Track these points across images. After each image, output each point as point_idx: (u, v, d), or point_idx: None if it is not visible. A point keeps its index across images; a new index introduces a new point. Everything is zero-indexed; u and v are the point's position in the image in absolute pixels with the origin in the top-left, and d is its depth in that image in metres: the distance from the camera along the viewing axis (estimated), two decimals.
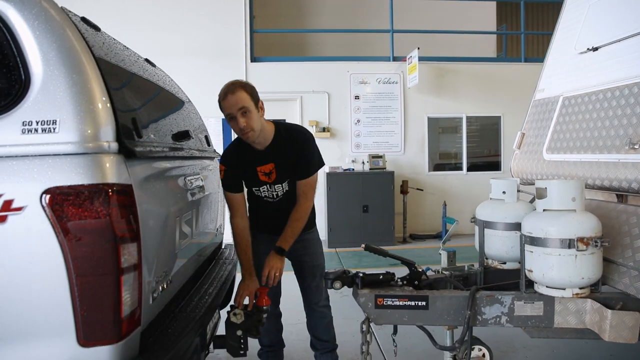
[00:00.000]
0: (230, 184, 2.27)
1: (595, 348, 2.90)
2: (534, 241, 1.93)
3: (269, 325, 2.46)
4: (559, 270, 1.88)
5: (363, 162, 6.84)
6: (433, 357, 2.68)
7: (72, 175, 1.18)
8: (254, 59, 6.97)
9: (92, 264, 1.16)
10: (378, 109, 7.06)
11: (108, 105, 1.28)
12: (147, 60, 2.25)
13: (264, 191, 2.29)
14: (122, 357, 1.22)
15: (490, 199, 2.44)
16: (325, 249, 6.48)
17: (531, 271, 1.97)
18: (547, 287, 1.96)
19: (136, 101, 1.61)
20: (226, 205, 2.35)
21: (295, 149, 2.24)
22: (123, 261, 1.20)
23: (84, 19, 1.57)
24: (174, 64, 6.57)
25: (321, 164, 2.34)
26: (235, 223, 2.26)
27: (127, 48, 1.96)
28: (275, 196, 2.31)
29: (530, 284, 2.07)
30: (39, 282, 1.16)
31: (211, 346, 2.09)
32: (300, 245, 2.38)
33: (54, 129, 1.20)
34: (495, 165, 7.36)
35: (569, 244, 1.84)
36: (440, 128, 7.50)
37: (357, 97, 7.03)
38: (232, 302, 2.21)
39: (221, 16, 6.88)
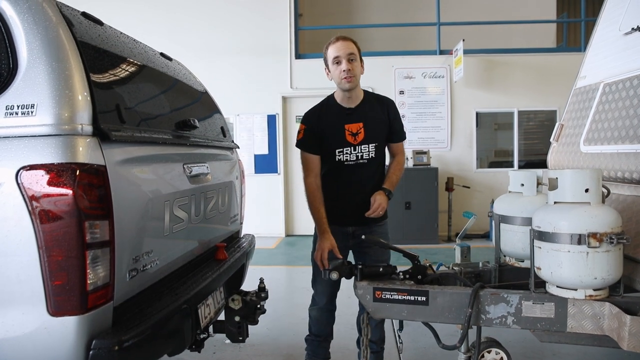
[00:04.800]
0: (308, 144, 2.32)
1: None
2: (542, 236, 1.78)
3: (321, 317, 2.48)
4: (568, 269, 1.71)
5: (407, 158, 6.68)
6: (449, 358, 2.56)
7: (45, 154, 1.26)
8: (298, 56, 7.05)
9: (58, 238, 1.23)
10: (423, 104, 6.86)
11: (85, 91, 1.35)
12: (162, 54, 2.34)
13: (346, 153, 2.29)
14: (89, 328, 1.28)
15: (509, 191, 2.29)
16: None
17: (540, 269, 1.82)
18: (558, 287, 1.80)
19: (126, 89, 1.68)
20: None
21: (386, 110, 2.36)
22: (89, 237, 1.26)
23: (84, 14, 1.67)
24: (221, 62, 6.87)
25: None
26: (309, 182, 2.31)
27: (136, 41, 2.05)
28: (358, 158, 2.29)
29: (542, 283, 1.91)
30: (14, 253, 1.25)
31: (212, 330, 2.14)
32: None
33: (32, 112, 1.29)
34: None
35: (579, 239, 1.67)
36: (496, 124, 7.15)
37: (401, 92, 6.88)
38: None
39: (266, 14, 7.02)
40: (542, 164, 6.77)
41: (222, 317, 2.26)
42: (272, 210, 7.09)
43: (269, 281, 2.37)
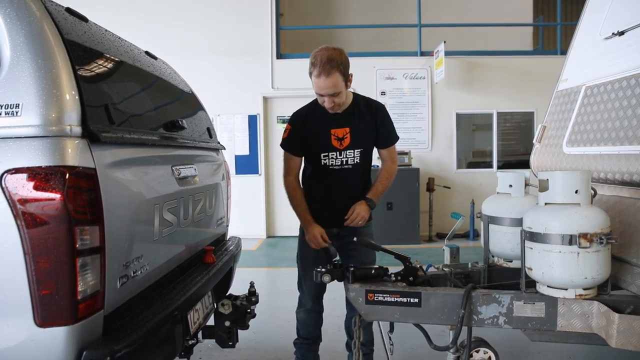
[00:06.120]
0: (292, 145, 2.31)
1: (618, 356, 2.69)
2: (534, 237, 1.80)
3: (309, 319, 2.46)
4: (559, 269, 1.74)
5: None
6: (438, 358, 2.57)
7: (32, 157, 1.20)
8: (279, 56, 7.00)
9: (47, 245, 1.17)
10: (405, 105, 6.92)
11: (73, 90, 1.29)
12: (147, 52, 2.27)
13: (332, 158, 2.27)
14: (79, 338, 1.22)
15: (497, 193, 2.32)
16: None
17: (531, 269, 1.84)
18: (548, 286, 1.83)
19: (114, 88, 1.62)
20: (225, 199, 2.34)
21: (374, 116, 2.30)
22: (79, 243, 1.20)
23: (68, 10, 1.60)
24: (201, 61, 6.76)
25: (398, 136, 2.42)
26: (289, 180, 2.33)
27: (121, 39, 1.99)
28: (343, 163, 2.28)
29: (532, 283, 1.93)
30: None
31: (200, 335, 2.09)
32: (352, 239, 2.30)
33: (17, 112, 1.22)
34: (528, 164, 7.04)
35: (570, 240, 1.70)
36: (474, 125, 7.26)
37: (383, 93, 6.92)
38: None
39: (247, 14, 6.95)
40: (520, 165, 6.96)
41: (210, 322, 2.21)
42: (253, 211, 7.02)
43: (254, 283, 2.32)
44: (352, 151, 2.28)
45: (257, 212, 7.06)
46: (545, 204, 1.84)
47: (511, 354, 2.76)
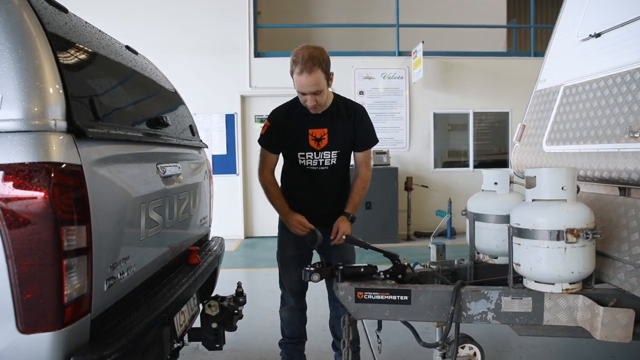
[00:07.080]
0: (269, 141, 2.28)
1: (596, 349, 2.77)
2: (522, 233, 1.83)
3: (292, 317, 2.44)
4: (547, 264, 1.77)
5: None
6: (423, 355, 2.58)
7: (14, 153, 1.13)
8: (257, 54, 6.93)
9: (32, 246, 1.11)
10: (383, 104, 6.96)
11: (57, 83, 1.23)
12: (127, 47, 2.19)
13: (308, 158, 2.25)
14: (66, 344, 1.16)
15: (482, 190, 2.34)
16: None
17: (519, 265, 1.87)
18: (535, 282, 1.86)
19: (98, 83, 1.56)
20: (205, 198, 2.32)
21: (353, 119, 2.28)
22: (66, 244, 1.14)
23: None
24: (178, 60, 6.62)
25: (377, 139, 2.38)
26: (265, 175, 2.31)
27: (102, 32, 1.91)
28: (319, 164, 2.25)
29: (519, 279, 1.96)
30: None
31: (186, 338, 2.03)
32: (331, 238, 2.30)
33: None
34: (503, 163, 7.21)
35: (558, 235, 1.73)
36: (449, 125, 7.37)
37: (361, 93, 6.94)
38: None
39: (225, 12, 6.86)
40: (495, 164, 7.09)
41: (196, 324, 2.16)
42: (231, 211, 6.92)
43: (233, 285, 2.28)
44: (329, 152, 2.25)
45: (235, 212, 6.97)
46: (533, 200, 1.86)
47: (493, 349, 2.80)
